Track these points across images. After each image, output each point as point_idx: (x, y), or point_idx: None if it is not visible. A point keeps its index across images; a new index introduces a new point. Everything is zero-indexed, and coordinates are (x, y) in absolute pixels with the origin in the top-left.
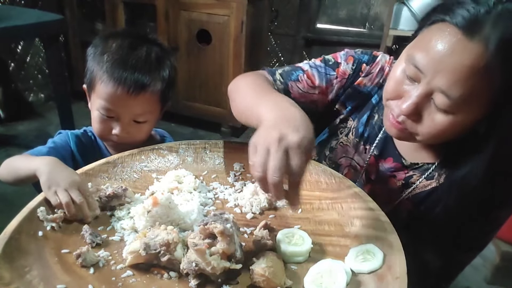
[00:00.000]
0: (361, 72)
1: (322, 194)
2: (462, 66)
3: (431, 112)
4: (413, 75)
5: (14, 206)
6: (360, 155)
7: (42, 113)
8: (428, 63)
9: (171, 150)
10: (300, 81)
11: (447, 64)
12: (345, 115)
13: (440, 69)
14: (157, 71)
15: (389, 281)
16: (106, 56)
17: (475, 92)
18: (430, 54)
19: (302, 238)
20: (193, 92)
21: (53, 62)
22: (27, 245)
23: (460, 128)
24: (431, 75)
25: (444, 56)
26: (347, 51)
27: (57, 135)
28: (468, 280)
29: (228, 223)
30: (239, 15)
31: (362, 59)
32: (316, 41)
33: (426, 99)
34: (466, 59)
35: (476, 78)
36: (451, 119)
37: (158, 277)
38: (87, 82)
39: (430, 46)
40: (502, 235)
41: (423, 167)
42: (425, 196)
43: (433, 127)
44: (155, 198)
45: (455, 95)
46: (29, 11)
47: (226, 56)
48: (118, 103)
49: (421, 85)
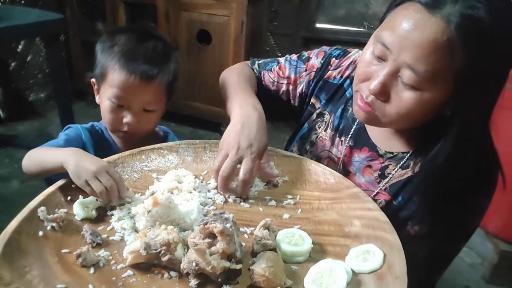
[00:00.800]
0: (330, 66)
1: (322, 194)
2: (426, 41)
3: (398, 91)
4: (380, 54)
5: (14, 206)
6: (337, 147)
7: (42, 113)
8: (394, 40)
9: (171, 150)
10: (272, 71)
11: (412, 39)
12: (320, 109)
13: (405, 45)
14: (164, 63)
15: (389, 281)
16: (116, 47)
17: (440, 68)
18: (395, 31)
19: (302, 238)
20: (193, 92)
21: (54, 61)
22: (27, 245)
23: (427, 107)
24: (397, 51)
25: (408, 32)
26: (322, 48)
27: (67, 129)
28: (467, 279)
29: (228, 222)
30: (239, 16)
31: (333, 53)
32: (315, 40)
33: (394, 78)
34: (429, 34)
35: (440, 53)
36: (418, 96)
37: (158, 277)
38: (97, 75)
39: (396, 24)
40: (500, 234)
41: (398, 156)
42: (401, 185)
43: (401, 106)
44: (155, 198)
45: (420, 69)
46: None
47: (226, 56)
48: (129, 90)
49: (388, 63)
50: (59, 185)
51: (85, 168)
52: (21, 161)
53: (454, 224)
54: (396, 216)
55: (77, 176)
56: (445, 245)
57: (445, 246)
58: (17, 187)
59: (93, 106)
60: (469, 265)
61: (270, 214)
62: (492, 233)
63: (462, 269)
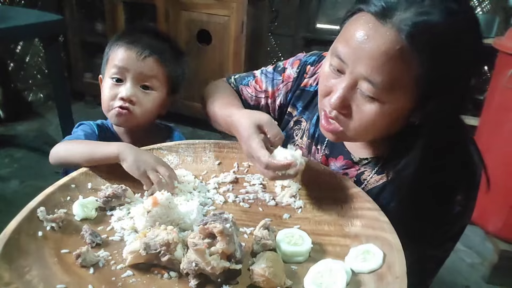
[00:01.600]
0: (305, 74)
1: (322, 194)
2: (379, 52)
3: (359, 103)
4: (338, 67)
5: (13, 206)
6: (313, 155)
7: (41, 113)
8: (348, 52)
9: (170, 150)
10: (249, 86)
11: (365, 50)
12: (297, 117)
13: (360, 57)
14: (168, 52)
15: (389, 281)
16: (121, 37)
17: (397, 78)
18: (349, 43)
19: (302, 238)
20: (193, 92)
21: (53, 62)
22: (26, 245)
23: (390, 117)
24: (352, 63)
25: (361, 43)
26: (297, 56)
27: (79, 125)
28: (467, 279)
29: (228, 223)
30: (239, 16)
31: (308, 61)
32: (316, 41)
33: (353, 90)
34: (382, 44)
35: (394, 62)
36: (379, 108)
37: (158, 277)
38: (103, 65)
39: (349, 36)
40: (500, 234)
41: (372, 162)
42: (378, 192)
43: (363, 118)
44: (155, 198)
45: (377, 80)
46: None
47: (226, 56)
48: (127, 61)
49: (346, 76)
50: (58, 185)
51: (145, 160)
52: (21, 161)
53: (438, 227)
54: None
55: (136, 167)
56: (431, 249)
57: (432, 250)
58: (16, 187)
59: (92, 106)
60: (469, 265)
61: (270, 214)
62: (492, 233)
63: (462, 269)
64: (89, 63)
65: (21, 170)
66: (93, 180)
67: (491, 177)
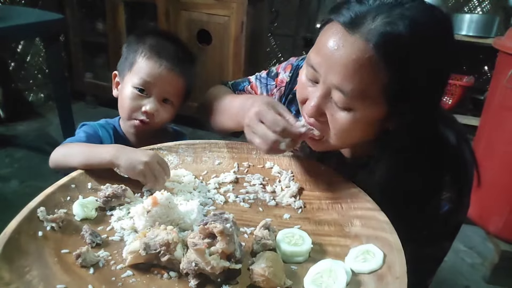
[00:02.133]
0: (298, 78)
1: (322, 194)
2: (348, 61)
3: (333, 112)
4: (312, 77)
5: (13, 206)
6: (308, 157)
7: (42, 113)
8: (320, 61)
9: (170, 150)
10: (245, 91)
11: (335, 59)
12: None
13: (330, 66)
14: (188, 64)
15: (389, 281)
16: (146, 41)
17: (366, 86)
18: (320, 53)
19: (302, 238)
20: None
21: (53, 61)
22: (26, 245)
23: (364, 125)
24: (324, 72)
25: (331, 52)
26: (289, 60)
27: (82, 126)
28: (467, 279)
29: (228, 222)
30: (239, 16)
31: (300, 64)
32: None
33: (326, 99)
34: (351, 53)
35: (363, 71)
36: (351, 116)
37: (158, 277)
38: (123, 65)
39: (321, 45)
40: (501, 234)
41: (364, 161)
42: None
43: (337, 127)
44: (155, 198)
45: (347, 89)
46: (29, 11)
47: (226, 56)
48: (156, 77)
49: (320, 85)
50: (58, 185)
51: (139, 160)
52: (21, 161)
53: (430, 226)
54: None
55: (132, 168)
56: (426, 248)
57: (427, 248)
58: (16, 187)
59: (93, 106)
60: (470, 265)
61: (270, 214)
62: (492, 233)
63: (462, 269)
64: (89, 63)
65: (21, 170)
66: (93, 180)
67: (491, 177)
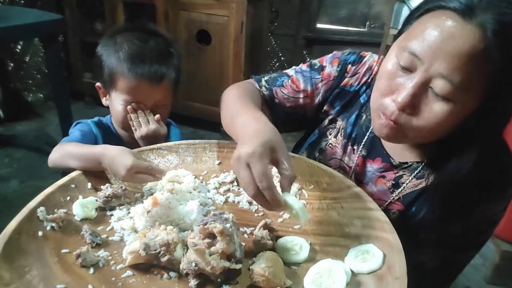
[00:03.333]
0: (346, 73)
1: (322, 194)
2: (463, 50)
3: (428, 102)
4: (408, 64)
5: (13, 206)
6: (349, 156)
7: (41, 113)
8: (426, 48)
9: (170, 150)
10: (285, 87)
11: (447, 48)
12: (333, 115)
13: (439, 54)
14: (169, 60)
15: (389, 281)
16: (121, 53)
17: (475, 77)
18: (427, 40)
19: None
20: (193, 92)
21: (52, 62)
22: (26, 245)
23: (457, 119)
24: (429, 61)
25: (443, 41)
26: (334, 54)
27: (76, 124)
28: (468, 279)
29: (228, 223)
30: (239, 16)
31: (348, 60)
32: (317, 41)
33: (423, 89)
34: (465, 42)
35: (476, 62)
36: (451, 107)
37: (158, 277)
38: (105, 80)
39: (427, 32)
40: (502, 234)
41: (412, 166)
42: (415, 196)
43: (431, 118)
44: (155, 198)
45: (456, 79)
46: (29, 11)
47: (226, 56)
48: (141, 93)
49: (418, 73)
50: (58, 185)
51: (122, 166)
52: (20, 161)
53: (467, 234)
54: (409, 226)
55: (117, 174)
56: (456, 254)
57: (457, 255)
58: (16, 187)
59: (92, 106)
60: (471, 266)
61: (270, 214)
62: (493, 233)
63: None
64: (89, 63)
65: (21, 170)
66: (93, 180)
67: None
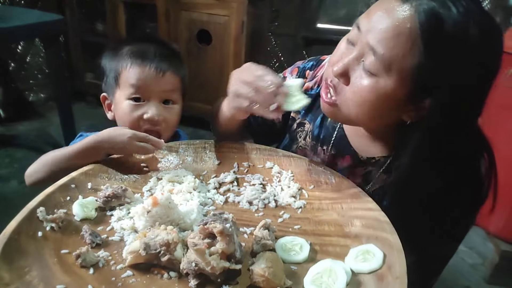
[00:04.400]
0: (305, 79)
1: (322, 194)
2: (391, 25)
3: (358, 76)
4: (353, 38)
5: (13, 206)
6: (319, 156)
7: (42, 113)
8: (366, 22)
9: (171, 150)
10: None
11: (379, 21)
12: (300, 119)
13: (373, 26)
14: (174, 58)
15: (389, 281)
16: (124, 51)
17: (397, 57)
18: (370, 14)
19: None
20: (193, 92)
21: (53, 62)
22: (26, 245)
23: (382, 100)
24: (365, 32)
25: (379, 15)
26: (296, 64)
27: (78, 137)
28: (468, 279)
29: (228, 223)
30: (239, 15)
31: (306, 66)
32: (317, 41)
33: (357, 62)
34: (396, 18)
35: (400, 39)
36: (374, 82)
37: (158, 277)
38: (110, 84)
39: (372, 9)
40: (501, 234)
41: (380, 161)
42: (385, 190)
43: (357, 90)
44: (155, 198)
45: (380, 52)
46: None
47: (227, 56)
48: (147, 82)
49: (356, 47)
50: (58, 185)
51: (121, 135)
52: (21, 161)
53: (442, 227)
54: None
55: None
56: (435, 247)
57: (435, 248)
58: (16, 187)
59: (93, 106)
60: (470, 266)
61: (270, 214)
62: (493, 233)
63: (462, 269)
64: (90, 63)
65: (21, 170)
66: (93, 180)
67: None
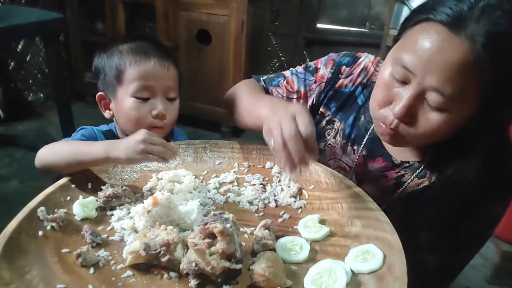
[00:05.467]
0: (340, 75)
1: (322, 194)
2: (452, 63)
3: (425, 112)
4: (402, 77)
5: (14, 206)
6: (348, 156)
7: (42, 113)
8: (417, 62)
9: None
10: (280, 87)
11: (437, 62)
12: (330, 116)
13: (430, 68)
14: (170, 54)
15: (389, 282)
16: (124, 49)
17: (467, 88)
18: (418, 53)
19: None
20: (194, 92)
21: (53, 61)
22: (27, 245)
23: (454, 126)
24: (422, 74)
25: (433, 54)
26: (330, 55)
27: (80, 130)
28: (469, 279)
29: (228, 223)
30: (239, 15)
31: (342, 61)
32: (317, 41)
33: (419, 100)
34: (455, 55)
35: (467, 73)
36: (446, 117)
37: (158, 277)
38: (110, 82)
39: (417, 45)
40: (502, 235)
41: (414, 165)
42: (418, 195)
43: (428, 127)
44: (155, 198)
45: (448, 92)
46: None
47: (226, 56)
48: (152, 76)
49: (412, 86)
50: (59, 184)
51: (134, 140)
52: (21, 161)
53: (469, 234)
54: (411, 225)
55: (132, 151)
56: (458, 254)
57: (458, 254)
58: (16, 187)
59: (93, 106)
60: (471, 266)
61: (270, 214)
62: (494, 234)
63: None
64: (90, 63)
65: (21, 170)
66: (93, 180)
67: None
